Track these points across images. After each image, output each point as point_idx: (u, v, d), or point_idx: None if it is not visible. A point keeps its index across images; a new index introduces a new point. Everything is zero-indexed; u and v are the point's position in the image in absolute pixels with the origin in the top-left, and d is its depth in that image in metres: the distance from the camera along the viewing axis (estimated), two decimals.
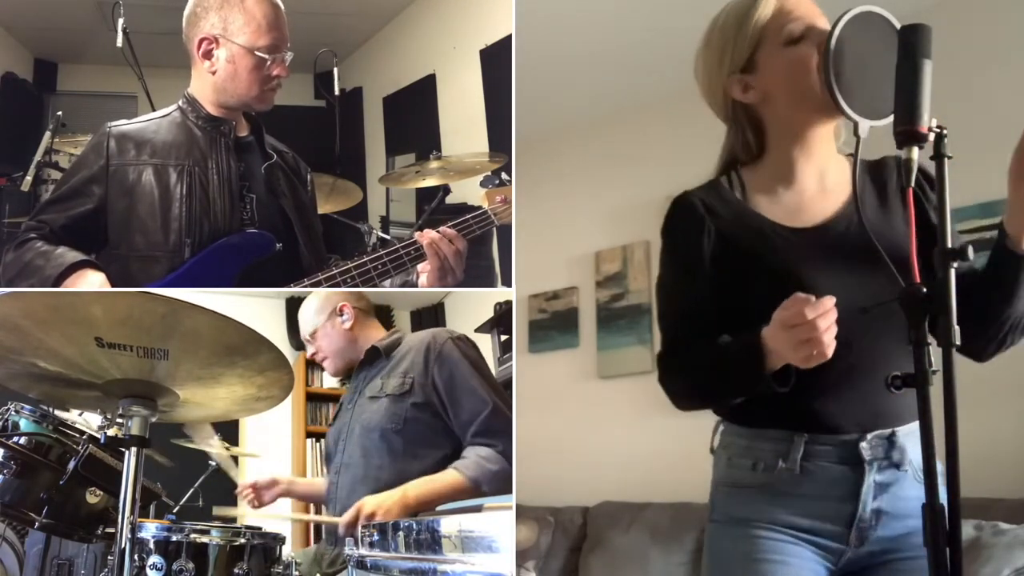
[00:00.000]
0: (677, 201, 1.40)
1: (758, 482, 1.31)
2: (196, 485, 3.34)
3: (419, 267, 1.91)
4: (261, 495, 2.45)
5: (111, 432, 1.64)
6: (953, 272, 1.10)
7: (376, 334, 2.35)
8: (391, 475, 2.08)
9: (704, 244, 1.36)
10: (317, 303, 2.38)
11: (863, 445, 1.29)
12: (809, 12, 1.34)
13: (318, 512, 4.07)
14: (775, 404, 1.27)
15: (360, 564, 1.63)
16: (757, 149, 1.41)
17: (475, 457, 2.01)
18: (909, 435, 1.30)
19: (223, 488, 3.92)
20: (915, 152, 1.14)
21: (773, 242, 1.34)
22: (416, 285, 1.95)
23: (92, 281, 1.78)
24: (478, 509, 1.49)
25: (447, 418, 2.10)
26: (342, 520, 1.99)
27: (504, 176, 2.60)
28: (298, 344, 2.51)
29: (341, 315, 2.34)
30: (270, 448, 4.13)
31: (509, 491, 1.98)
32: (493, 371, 3.22)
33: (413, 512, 1.94)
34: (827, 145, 1.39)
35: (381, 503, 1.96)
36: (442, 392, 2.10)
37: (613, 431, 4.21)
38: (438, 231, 1.89)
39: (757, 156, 1.42)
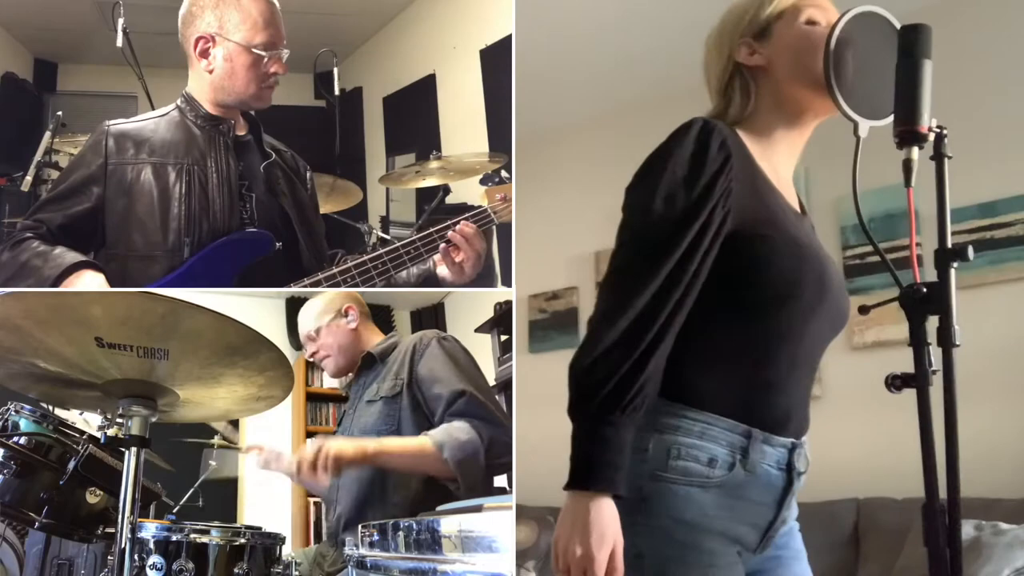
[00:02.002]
0: (705, 125, 1.19)
1: (713, 482, 1.15)
2: (196, 485, 3.34)
3: (435, 258, 1.91)
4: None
5: (111, 432, 1.64)
6: (953, 272, 1.10)
7: (373, 339, 2.36)
8: (389, 477, 2.08)
9: (718, 186, 1.15)
10: (322, 304, 2.39)
11: (797, 451, 1.23)
12: (833, 16, 1.31)
13: (318, 509, 4.08)
14: (734, 383, 1.18)
15: (360, 564, 1.63)
16: (742, 113, 1.33)
17: (446, 426, 2.00)
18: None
19: (223, 488, 3.92)
20: (915, 152, 1.14)
21: (782, 208, 1.25)
22: (436, 276, 1.93)
23: (92, 282, 1.77)
24: (478, 509, 1.49)
25: (428, 411, 2.10)
26: (300, 456, 1.95)
27: (504, 174, 2.60)
28: (298, 344, 2.51)
29: (346, 316, 2.35)
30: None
31: (475, 466, 1.96)
32: (493, 371, 3.23)
33: (370, 461, 1.97)
34: (793, 152, 1.35)
35: (342, 445, 1.95)
36: (423, 387, 2.10)
37: None
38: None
39: (740, 120, 1.33)
